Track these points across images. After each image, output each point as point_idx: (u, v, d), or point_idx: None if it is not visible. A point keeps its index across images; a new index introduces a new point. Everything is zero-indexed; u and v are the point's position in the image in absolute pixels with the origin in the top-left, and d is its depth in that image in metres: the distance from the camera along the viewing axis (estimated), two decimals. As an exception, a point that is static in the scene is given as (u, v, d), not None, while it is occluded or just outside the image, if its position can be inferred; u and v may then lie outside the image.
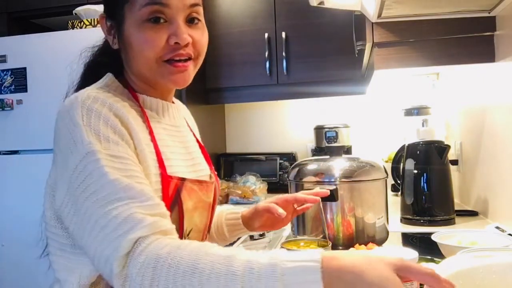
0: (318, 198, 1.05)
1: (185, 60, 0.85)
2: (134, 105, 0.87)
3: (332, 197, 1.16)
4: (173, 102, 0.98)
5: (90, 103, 0.78)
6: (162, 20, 0.82)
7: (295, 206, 1.09)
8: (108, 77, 0.88)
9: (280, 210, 1.02)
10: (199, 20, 0.87)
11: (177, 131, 0.95)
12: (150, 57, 0.83)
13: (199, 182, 0.91)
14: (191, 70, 0.87)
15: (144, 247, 0.65)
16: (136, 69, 0.88)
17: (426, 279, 0.61)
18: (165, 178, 0.82)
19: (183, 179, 0.86)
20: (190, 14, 0.85)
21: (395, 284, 0.59)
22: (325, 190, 1.09)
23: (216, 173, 1.03)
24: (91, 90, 0.82)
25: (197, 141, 1.05)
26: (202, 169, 0.98)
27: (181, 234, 0.86)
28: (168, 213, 0.74)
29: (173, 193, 0.83)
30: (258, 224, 1.11)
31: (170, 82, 0.87)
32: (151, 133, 0.85)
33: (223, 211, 1.15)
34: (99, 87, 0.85)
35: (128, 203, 0.69)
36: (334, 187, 1.18)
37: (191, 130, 1.04)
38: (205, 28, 0.89)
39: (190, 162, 0.94)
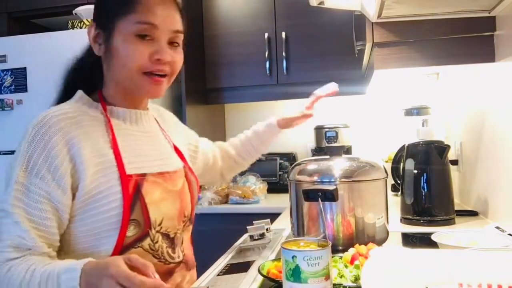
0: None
1: (162, 76, 0.98)
2: (100, 116, 0.99)
3: (332, 197, 1.16)
4: (147, 109, 1.09)
5: (40, 127, 0.89)
6: (148, 38, 0.94)
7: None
8: (79, 93, 1.00)
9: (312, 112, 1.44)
10: (178, 44, 1.01)
11: (148, 136, 1.06)
12: (133, 67, 0.94)
13: (162, 174, 1.01)
14: (165, 85, 1.00)
15: None
16: (116, 77, 0.98)
17: None
18: (124, 178, 0.93)
19: (143, 175, 0.96)
20: (173, 38, 0.98)
21: None
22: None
23: (189, 165, 1.14)
24: (54, 109, 0.93)
25: (170, 140, 1.14)
26: (172, 163, 1.08)
27: (149, 225, 0.95)
28: (40, 248, 0.86)
29: (133, 190, 0.93)
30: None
31: (145, 92, 0.99)
32: (113, 140, 0.96)
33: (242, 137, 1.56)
34: (68, 103, 0.98)
35: (3, 238, 0.85)
36: (334, 187, 1.18)
37: (163, 131, 1.14)
38: (182, 52, 1.02)
39: (158, 159, 1.04)
